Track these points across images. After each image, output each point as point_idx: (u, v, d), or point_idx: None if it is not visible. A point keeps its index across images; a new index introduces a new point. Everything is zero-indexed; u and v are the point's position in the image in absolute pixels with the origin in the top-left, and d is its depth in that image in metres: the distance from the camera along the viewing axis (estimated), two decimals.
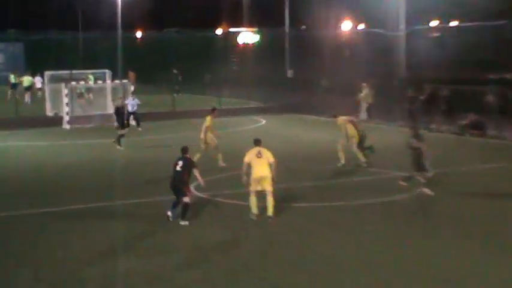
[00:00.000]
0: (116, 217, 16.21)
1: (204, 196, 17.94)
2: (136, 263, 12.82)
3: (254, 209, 15.61)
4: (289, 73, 45.86)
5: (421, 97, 31.00)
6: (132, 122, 30.35)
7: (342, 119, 22.55)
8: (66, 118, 33.95)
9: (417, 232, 14.77)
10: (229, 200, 17.54)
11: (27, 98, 46.05)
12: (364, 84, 35.26)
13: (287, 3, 48.35)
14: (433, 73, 37.32)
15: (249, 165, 15.54)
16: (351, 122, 22.44)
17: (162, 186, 17.17)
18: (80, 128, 33.30)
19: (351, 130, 22.13)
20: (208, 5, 60.21)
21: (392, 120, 33.62)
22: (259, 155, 15.51)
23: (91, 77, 39.31)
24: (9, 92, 46.84)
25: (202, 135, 22.02)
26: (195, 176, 15.49)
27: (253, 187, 15.58)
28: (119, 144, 25.82)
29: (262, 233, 14.78)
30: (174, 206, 15.44)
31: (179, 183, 15.28)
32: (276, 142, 27.60)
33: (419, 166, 17.96)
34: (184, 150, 15.80)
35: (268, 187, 15.46)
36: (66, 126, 33.71)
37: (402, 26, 37.18)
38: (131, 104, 30.92)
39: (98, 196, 18.41)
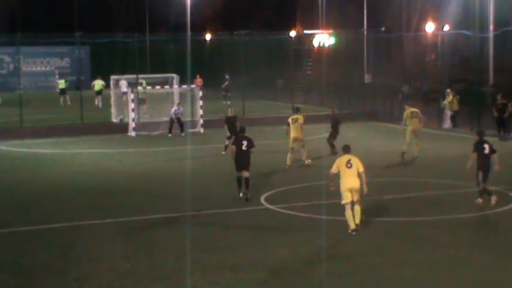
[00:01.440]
0: (183, 228, 16.39)
1: (275, 209, 17.97)
2: (204, 280, 12.90)
3: (352, 224, 15.55)
4: (367, 78, 45.51)
5: (511, 104, 30.15)
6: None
7: None
8: (132, 125, 34.53)
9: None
10: (303, 213, 17.48)
11: (97, 102, 47.22)
12: (449, 91, 34.62)
13: (365, 3, 48.05)
14: None
15: (337, 175, 15.56)
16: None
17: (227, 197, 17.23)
18: (146, 135, 33.84)
19: None
20: (282, 6, 60.42)
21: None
22: (349, 165, 15.49)
23: (144, 82, 40.01)
24: (61, 98, 48.36)
25: (300, 134, 24.49)
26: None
27: (346, 199, 15.51)
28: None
29: (340, 251, 14.65)
30: (240, 184, 18.92)
31: (245, 160, 18.96)
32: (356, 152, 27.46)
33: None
34: (242, 129, 20.00)
35: (357, 197, 15.47)
36: (132, 133, 34.31)
37: (491, 27, 36.39)
38: (176, 112, 33.58)
39: (167, 207, 18.67)
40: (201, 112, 35.62)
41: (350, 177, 15.44)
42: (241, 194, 18.98)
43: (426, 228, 16.27)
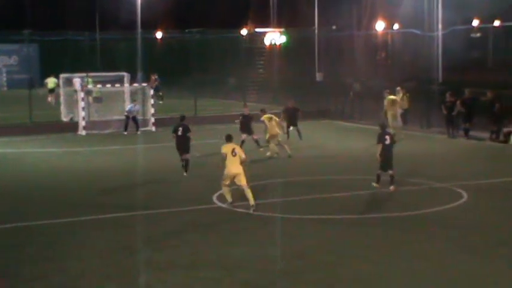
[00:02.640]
0: (134, 227, 16.31)
1: (225, 206, 18.00)
2: (158, 279, 12.87)
3: (229, 198, 17.74)
4: (319, 76, 45.78)
5: (459, 102, 30.68)
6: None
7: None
8: (83, 123, 34.19)
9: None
10: (257, 212, 17.55)
11: (50, 99, 46.54)
12: (399, 88, 35.03)
13: (316, 2, 48.36)
14: (473, 76, 37.09)
15: (225, 159, 17.44)
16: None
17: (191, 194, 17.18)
18: (96, 134, 33.53)
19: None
20: (233, 4, 60.46)
21: (428, 126, 33.44)
22: (234, 154, 17.49)
23: (90, 80, 39.70)
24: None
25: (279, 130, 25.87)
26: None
27: (226, 181, 17.62)
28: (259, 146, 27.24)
29: (294, 249, 14.74)
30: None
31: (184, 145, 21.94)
32: (303, 149, 27.70)
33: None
34: (182, 118, 22.68)
35: (243, 182, 17.41)
36: (82, 132, 33.97)
37: (439, 26, 36.99)
38: (132, 109, 33.52)
39: (114, 206, 18.56)
40: (152, 111, 35.46)
41: (234, 164, 17.40)
42: (184, 174, 22.14)
43: (378, 225, 16.48)
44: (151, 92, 36.05)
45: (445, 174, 22.17)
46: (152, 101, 35.58)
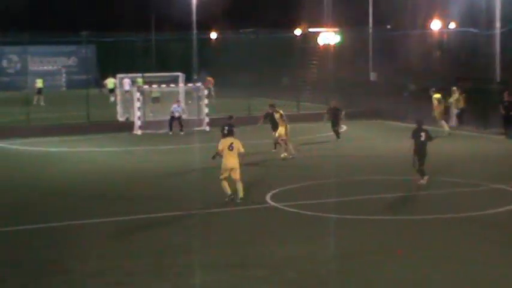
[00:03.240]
0: (189, 226, 16.41)
1: (281, 207, 17.99)
2: (213, 277, 12.93)
3: (228, 191, 18.28)
4: (372, 76, 45.36)
5: None
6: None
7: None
8: (138, 123, 34.60)
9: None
10: (309, 212, 17.49)
11: (112, 98, 47.26)
12: (455, 88, 34.51)
13: (371, 1, 47.92)
14: None
15: (222, 153, 18.27)
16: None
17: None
18: (151, 134, 33.89)
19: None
20: (287, 4, 60.40)
21: (485, 127, 32.80)
22: (230, 148, 18.16)
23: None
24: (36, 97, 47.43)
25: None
26: None
27: (224, 175, 18.28)
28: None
29: (342, 248, 14.64)
30: None
31: None
32: (356, 150, 27.49)
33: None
34: (230, 117, 23.70)
35: (237, 177, 18.18)
36: (138, 132, 34.37)
37: (498, 24, 36.25)
38: (176, 109, 33.68)
39: (172, 204, 18.71)
40: (206, 110, 35.65)
41: (231, 158, 18.13)
42: None
43: (432, 226, 16.23)
44: (206, 92, 36.26)
45: (502, 175, 21.71)
46: (206, 101, 35.79)
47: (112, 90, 48.06)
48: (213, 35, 64.44)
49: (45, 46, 64.31)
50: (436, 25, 51.40)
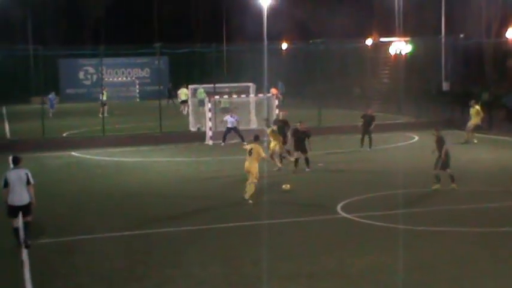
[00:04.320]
0: (259, 236, 16.48)
1: (352, 218, 17.90)
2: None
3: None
4: (445, 86, 44.67)
5: None
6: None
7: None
8: (209, 133, 34.92)
9: None
10: (381, 222, 17.34)
11: (184, 110, 47.93)
12: None
13: (443, 10, 47.23)
14: None
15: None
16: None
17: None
18: (223, 144, 34.11)
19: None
20: (358, 13, 60.08)
21: None
22: (250, 152, 19.73)
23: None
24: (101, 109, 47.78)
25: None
26: None
27: (249, 177, 19.74)
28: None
29: (419, 261, 14.44)
30: None
31: None
32: (423, 160, 27.08)
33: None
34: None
35: (250, 179, 19.73)
36: (209, 142, 34.69)
37: None
38: (230, 120, 33.26)
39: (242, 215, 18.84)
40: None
41: (248, 161, 19.78)
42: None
43: (504, 240, 15.85)
44: (276, 102, 36.34)
45: None
46: (277, 111, 35.85)
47: (185, 101, 48.66)
48: (284, 46, 64.61)
49: (120, 58, 65.79)
50: (510, 33, 50.25)
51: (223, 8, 74.32)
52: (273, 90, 45.79)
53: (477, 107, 32.98)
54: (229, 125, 33.54)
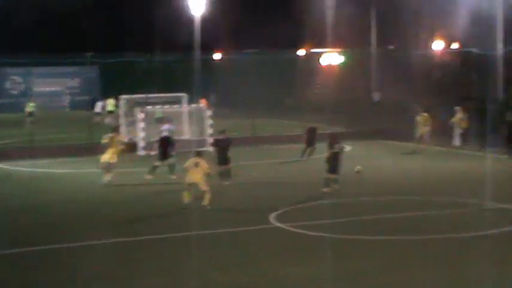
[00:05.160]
0: (192, 247, 16.41)
1: (286, 227, 17.99)
2: None
3: (185, 200, 20.61)
4: (376, 96, 45.50)
5: None
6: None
7: None
8: (141, 144, 34.64)
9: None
10: (311, 232, 17.49)
11: (109, 120, 47.37)
12: (458, 108, 34.59)
13: (373, 22, 48.15)
14: None
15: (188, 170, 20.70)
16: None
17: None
18: (155, 155, 33.80)
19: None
20: (290, 24, 60.66)
21: (488, 146, 32.78)
22: (196, 165, 20.64)
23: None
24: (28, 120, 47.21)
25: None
26: None
27: (186, 185, 20.75)
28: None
29: (346, 268, 14.62)
30: None
31: None
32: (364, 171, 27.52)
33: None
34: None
35: (204, 188, 20.57)
36: (141, 152, 34.39)
37: (500, 44, 36.39)
38: (166, 129, 32.50)
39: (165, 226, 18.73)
40: (210, 131, 35.70)
41: (193, 174, 20.63)
42: None
43: (437, 246, 16.20)
44: (209, 112, 36.34)
45: (506, 195, 21.70)
46: (210, 122, 35.86)
47: (111, 112, 48.27)
48: (217, 56, 64.72)
49: (49, 67, 64.66)
50: (438, 45, 51.65)
51: (155, 17, 73.89)
52: (203, 101, 45.68)
53: (425, 114, 32.95)
54: (165, 134, 33.37)
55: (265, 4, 67.35)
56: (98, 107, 50.17)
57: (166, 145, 27.11)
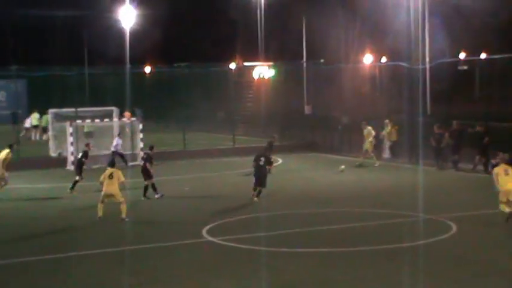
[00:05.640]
0: (121, 262, 16.22)
1: (217, 241, 17.97)
2: None
3: (100, 213, 20.77)
4: (307, 109, 45.97)
5: (447, 134, 30.87)
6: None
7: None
8: (71, 159, 34.11)
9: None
10: (243, 245, 17.52)
11: (34, 135, 46.52)
12: (387, 121, 35.28)
13: (304, 36, 48.75)
14: (461, 108, 37.26)
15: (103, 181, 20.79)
16: None
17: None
18: (84, 169, 33.34)
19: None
20: (221, 38, 60.91)
21: (417, 158, 33.53)
22: (110, 177, 20.69)
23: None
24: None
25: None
26: None
27: (102, 198, 20.80)
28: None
29: (277, 281, 14.69)
30: None
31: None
32: (289, 182, 27.74)
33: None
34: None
35: (120, 199, 20.58)
36: (71, 167, 33.83)
37: (427, 59, 37.31)
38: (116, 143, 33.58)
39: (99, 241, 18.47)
40: (141, 145, 35.44)
41: (108, 185, 20.63)
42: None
43: (368, 258, 16.43)
44: (140, 126, 36.11)
45: (435, 206, 22.20)
46: (141, 135, 35.63)
47: (35, 126, 47.51)
48: (147, 69, 64.34)
49: None
50: (368, 59, 52.64)
51: (84, 30, 73.01)
52: (126, 114, 45.23)
53: (369, 127, 33.51)
54: (113, 149, 33.41)
55: (196, 18, 67.49)
56: (27, 122, 49.27)
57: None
